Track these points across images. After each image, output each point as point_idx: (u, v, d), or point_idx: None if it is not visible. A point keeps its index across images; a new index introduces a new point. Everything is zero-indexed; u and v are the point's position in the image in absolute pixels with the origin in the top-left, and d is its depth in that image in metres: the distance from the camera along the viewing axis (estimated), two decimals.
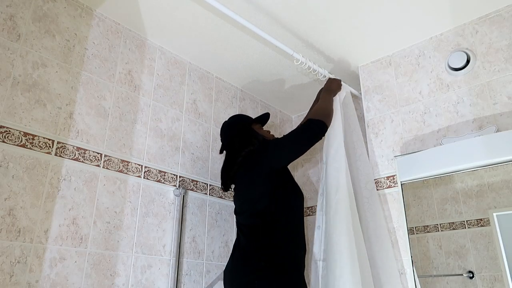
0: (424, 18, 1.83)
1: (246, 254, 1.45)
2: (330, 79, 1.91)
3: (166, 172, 1.87)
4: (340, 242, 1.51)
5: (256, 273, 1.38)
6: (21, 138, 1.42)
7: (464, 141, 1.60)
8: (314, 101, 2.00)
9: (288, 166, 1.63)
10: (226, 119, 1.82)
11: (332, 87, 1.85)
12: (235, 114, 1.85)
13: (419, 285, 1.62)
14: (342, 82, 1.95)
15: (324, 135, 1.60)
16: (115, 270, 1.57)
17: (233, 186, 1.68)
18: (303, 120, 1.97)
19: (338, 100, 1.84)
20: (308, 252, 1.63)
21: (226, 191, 1.70)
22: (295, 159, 1.54)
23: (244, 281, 1.40)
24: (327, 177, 1.69)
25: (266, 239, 1.44)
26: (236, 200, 1.62)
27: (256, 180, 1.51)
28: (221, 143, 1.79)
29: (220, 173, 1.74)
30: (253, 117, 1.81)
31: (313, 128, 1.55)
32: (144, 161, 1.80)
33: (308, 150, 1.59)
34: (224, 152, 1.76)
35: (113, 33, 1.84)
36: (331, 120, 1.66)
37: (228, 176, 1.64)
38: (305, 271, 1.52)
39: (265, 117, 1.77)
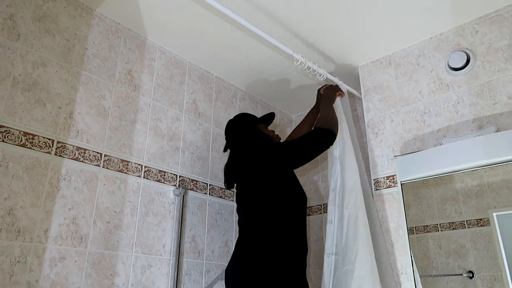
0: (424, 18, 1.83)
1: (242, 251, 1.46)
2: (326, 88, 1.92)
3: (166, 172, 1.87)
4: (360, 236, 1.58)
5: (249, 268, 1.39)
6: (21, 138, 1.42)
7: (464, 141, 1.60)
8: (315, 104, 2.00)
9: None
10: (230, 118, 1.80)
11: (330, 96, 1.86)
12: (240, 112, 1.84)
13: (420, 285, 1.61)
14: (339, 81, 1.95)
15: (332, 145, 1.60)
16: (115, 270, 1.57)
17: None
18: (297, 126, 1.98)
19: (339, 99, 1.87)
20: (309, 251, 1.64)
21: (229, 189, 1.70)
22: (301, 165, 1.54)
23: (237, 276, 1.41)
24: (344, 171, 1.71)
25: (263, 238, 1.44)
26: (237, 198, 1.62)
27: (260, 181, 1.51)
28: (224, 141, 1.78)
29: (222, 172, 1.73)
30: (258, 117, 1.81)
31: (322, 137, 1.55)
32: (144, 161, 1.80)
33: None
34: (228, 150, 1.75)
35: (113, 33, 1.84)
36: (337, 128, 1.67)
37: (232, 175, 1.63)
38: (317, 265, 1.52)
39: (270, 117, 1.76)
